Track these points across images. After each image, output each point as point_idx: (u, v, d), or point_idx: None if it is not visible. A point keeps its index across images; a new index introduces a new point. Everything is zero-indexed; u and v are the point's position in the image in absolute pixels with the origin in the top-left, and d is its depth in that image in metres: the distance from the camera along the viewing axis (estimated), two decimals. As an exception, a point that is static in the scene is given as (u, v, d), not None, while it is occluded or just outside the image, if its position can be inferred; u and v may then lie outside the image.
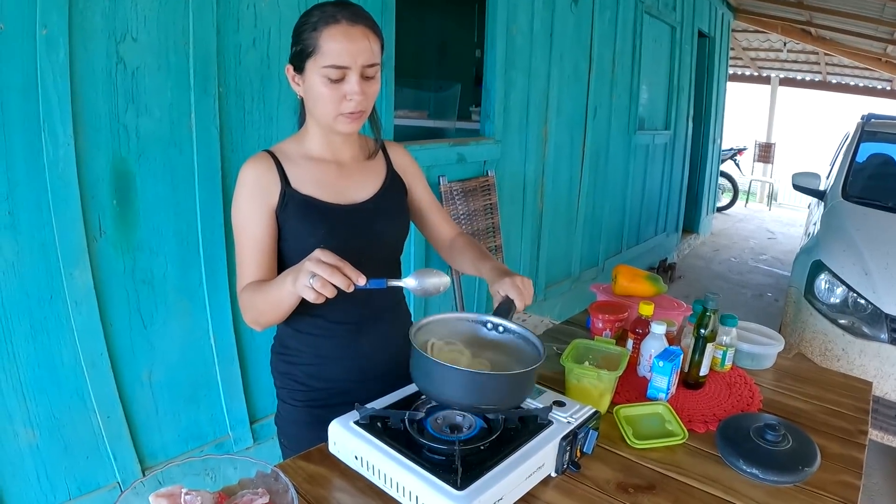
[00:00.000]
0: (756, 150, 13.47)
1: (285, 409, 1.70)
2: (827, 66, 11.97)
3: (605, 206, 5.59)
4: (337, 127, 1.50)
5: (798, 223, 10.69)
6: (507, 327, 1.49)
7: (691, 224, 8.78)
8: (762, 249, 9.04)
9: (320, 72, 1.42)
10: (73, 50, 2.00)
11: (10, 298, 2.01)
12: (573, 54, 4.68)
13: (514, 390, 1.31)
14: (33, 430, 2.14)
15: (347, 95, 1.44)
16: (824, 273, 3.82)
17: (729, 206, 12.05)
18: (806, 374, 2.03)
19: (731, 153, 11.87)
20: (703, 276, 7.42)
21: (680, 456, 1.51)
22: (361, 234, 1.59)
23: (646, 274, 2.29)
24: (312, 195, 1.55)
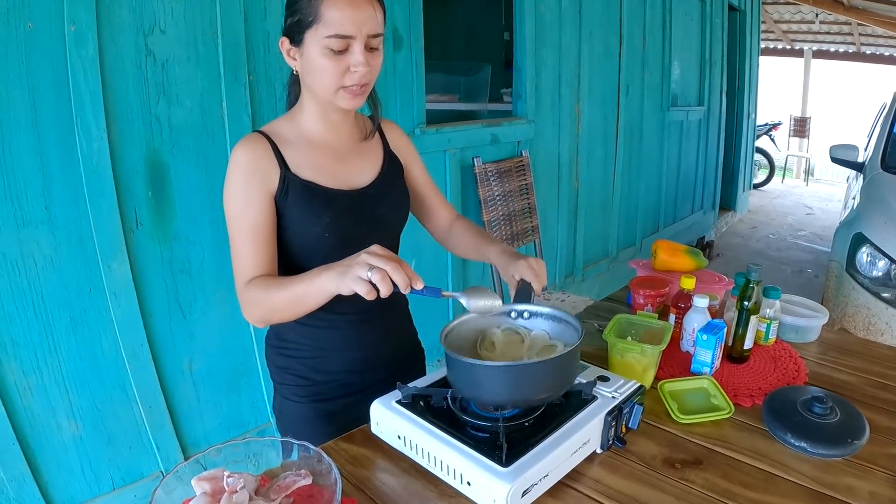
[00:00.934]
0: (791, 124, 13.26)
1: (287, 406, 1.61)
2: (861, 37, 11.73)
3: (641, 184, 5.54)
4: (338, 102, 1.40)
5: (836, 198, 10.52)
6: (533, 312, 1.46)
7: (728, 201, 8.66)
8: (800, 225, 8.91)
9: (322, 42, 1.32)
10: (102, 45, 2.01)
11: (50, 292, 2.04)
12: (603, 31, 4.63)
13: (561, 374, 1.27)
14: (76, 422, 2.16)
15: (351, 67, 1.34)
16: (865, 246, 3.74)
17: (765, 183, 11.88)
18: (851, 346, 1.98)
19: (766, 128, 11.69)
20: (741, 253, 7.32)
21: (726, 430, 1.48)
22: (365, 221, 1.51)
23: (686, 248, 2.25)
24: (313, 180, 1.46)
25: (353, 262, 1.21)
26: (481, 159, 3.46)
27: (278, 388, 1.64)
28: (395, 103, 2.99)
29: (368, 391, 1.49)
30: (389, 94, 2.95)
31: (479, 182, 3.41)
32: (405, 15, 2.95)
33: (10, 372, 2.00)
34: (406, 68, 3.01)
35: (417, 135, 3.10)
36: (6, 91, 1.86)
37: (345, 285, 1.21)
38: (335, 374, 1.58)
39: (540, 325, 1.45)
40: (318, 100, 1.45)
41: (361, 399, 1.47)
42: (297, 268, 1.45)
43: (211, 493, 1.00)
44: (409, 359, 1.73)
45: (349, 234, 1.46)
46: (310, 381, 1.58)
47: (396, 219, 1.62)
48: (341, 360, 1.58)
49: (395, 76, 2.97)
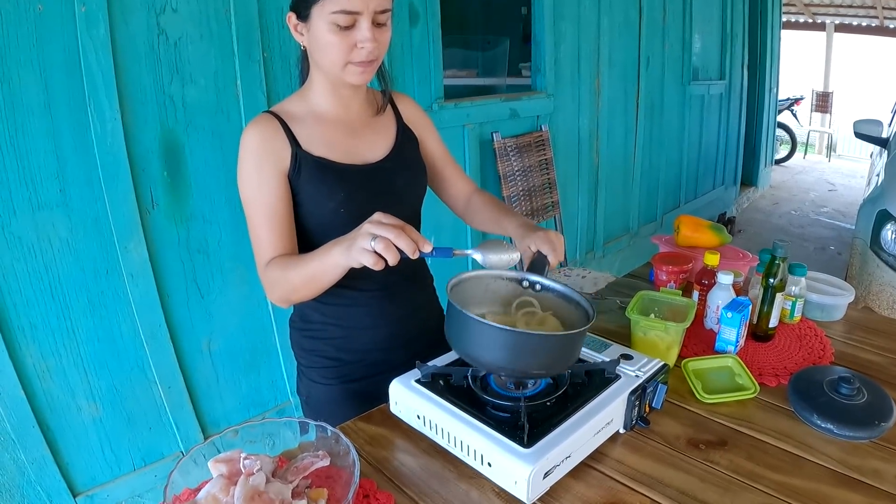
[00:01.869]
0: (813, 99, 13.10)
1: (318, 390, 1.61)
2: (884, 10, 11.53)
3: (662, 159, 5.48)
4: (346, 77, 1.38)
5: (859, 174, 10.40)
6: (545, 285, 1.40)
7: (749, 177, 8.57)
8: (823, 202, 8.81)
9: (328, 18, 1.29)
10: (114, 25, 2.00)
11: (67, 275, 2.04)
12: (623, 2, 4.56)
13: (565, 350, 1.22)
14: (96, 404, 2.17)
15: (359, 43, 1.32)
16: (890, 223, 3.69)
17: (787, 158, 11.75)
18: (877, 325, 1.94)
19: (788, 103, 11.55)
20: (763, 229, 7.26)
21: (751, 410, 1.46)
22: (382, 195, 1.49)
23: (709, 224, 2.21)
24: (325, 156, 1.45)
25: (357, 234, 1.20)
26: (500, 134, 3.42)
27: (305, 372, 1.63)
28: (412, 78, 2.95)
29: (397, 369, 1.47)
30: (406, 70, 2.92)
31: (498, 157, 3.38)
32: (421, -11, 2.91)
33: (28, 355, 2.01)
34: (423, 43, 2.97)
35: (435, 110, 3.07)
36: (18, 74, 1.85)
37: (352, 258, 1.19)
38: (362, 352, 1.58)
39: (550, 298, 1.40)
40: (326, 76, 1.44)
41: (390, 378, 1.44)
42: (315, 245, 1.41)
43: (228, 475, 0.99)
44: (436, 335, 1.70)
45: (364, 209, 1.40)
46: (338, 362, 1.58)
47: (414, 191, 1.60)
48: (368, 337, 1.58)
49: (412, 51, 2.93)
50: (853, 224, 4.41)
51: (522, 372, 1.22)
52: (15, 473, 2.03)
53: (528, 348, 1.18)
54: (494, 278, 1.40)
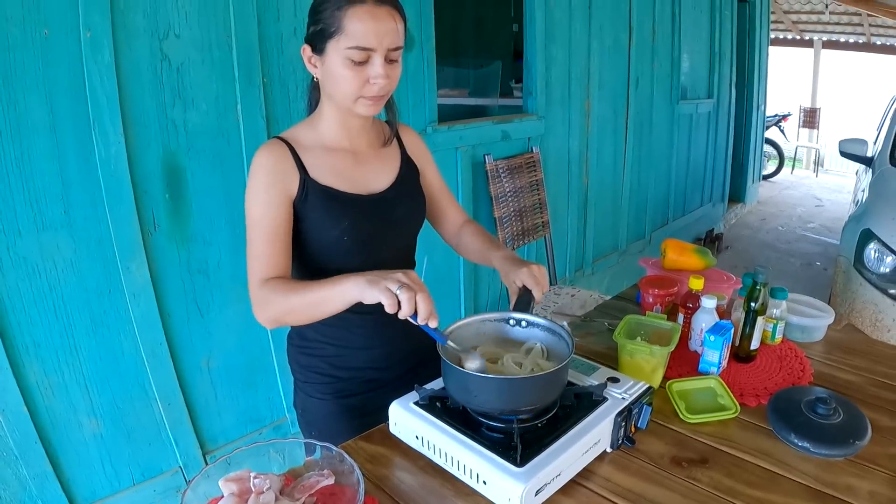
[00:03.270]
0: (801, 115, 13.20)
1: (312, 404, 1.65)
2: (871, 28, 11.66)
3: (650, 177, 5.55)
4: (357, 109, 1.43)
5: (845, 189, 10.48)
6: (530, 321, 1.50)
7: (737, 193, 8.64)
8: (810, 217, 8.89)
9: (343, 53, 1.35)
10: (118, 50, 2.04)
11: (70, 294, 2.08)
12: (613, 25, 4.63)
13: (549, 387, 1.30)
14: (97, 420, 2.21)
15: (371, 79, 1.37)
16: (873, 242, 3.75)
17: (775, 174, 11.83)
18: (856, 346, 2.00)
19: (776, 119, 11.65)
20: (750, 245, 7.32)
21: (732, 430, 1.51)
22: (384, 224, 1.55)
23: (694, 247, 2.27)
24: (332, 185, 1.49)
25: (387, 276, 1.27)
26: (492, 156, 3.48)
27: (301, 387, 1.67)
28: (406, 102, 3.01)
29: (390, 385, 1.57)
30: (401, 94, 2.98)
31: (490, 179, 3.44)
32: (417, 15, 2.97)
33: (31, 372, 2.04)
34: (418, 68, 3.04)
35: (429, 133, 3.12)
36: (24, 97, 1.89)
37: (371, 294, 1.25)
38: (358, 370, 1.63)
39: (536, 335, 1.49)
40: (337, 107, 1.48)
41: (384, 393, 1.54)
42: (315, 268, 1.52)
43: (238, 493, 1.04)
44: (428, 353, 1.76)
45: (367, 237, 1.51)
46: (333, 378, 1.62)
47: (413, 221, 1.66)
48: (363, 357, 1.62)
49: (407, 76, 2.98)
50: (838, 240, 4.48)
51: (512, 411, 1.29)
52: (17, 488, 2.07)
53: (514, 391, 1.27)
54: (482, 321, 1.51)
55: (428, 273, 3.22)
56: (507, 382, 1.27)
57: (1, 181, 1.89)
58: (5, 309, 1.97)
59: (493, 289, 3.82)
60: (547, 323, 1.47)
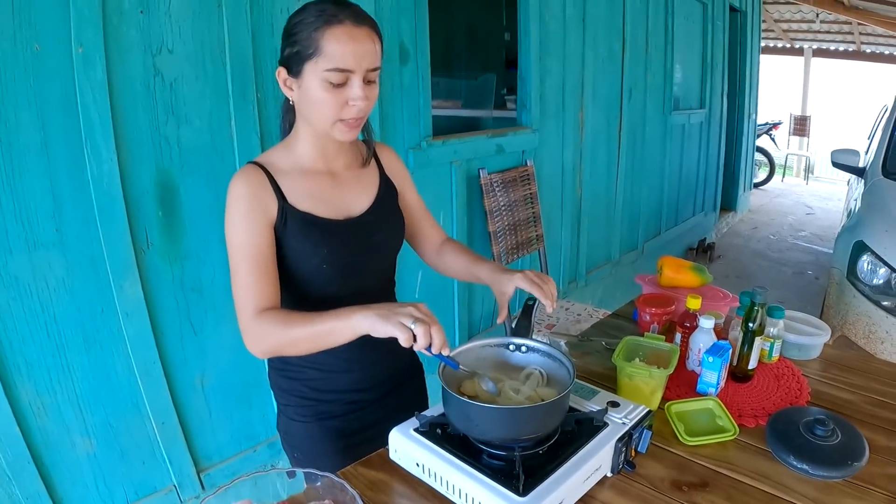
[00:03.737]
0: (791, 123, 13.29)
1: (295, 427, 1.64)
2: (861, 36, 11.75)
3: (643, 188, 5.57)
4: (334, 134, 1.41)
5: (836, 196, 10.55)
6: (530, 346, 1.50)
7: (729, 202, 8.69)
8: (801, 225, 8.93)
9: (321, 75, 1.32)
10: (110, 66, 2.02)
11: (63, 313, 2.06)
12: (607, 36, 4.65)
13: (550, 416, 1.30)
14: (90, 439, 2.19)
15: (350, 101, 1.35)
16: (866, 254, 3.76)
17: (766, 182, 11.90)
18: (852, 362, 2.01)
19: (767, 128, 11.72)
20: (742, 254, 7.35)
21: (731, 452, 1.51)
22: (363, 249, 1.54)
23: (691, 265, 2.28)
24: (311, 211, 1.47)
25: (399, 310, 1.26)
26: (486, 170, 3.47)
27: (283, 410, 1.67)
28: (401, 117, 3.00)
29: (372, 405, 1.60)
30: (396, 108, 2.97)
31: (484, 193, 3.43)
32: (411, 29, 2.96)
33: (24, 392, 2.02)
34: (412, 82, 3.03)
35: (424, 148, 3.11)
36: (15, 114, 1.87)
37: (384, 329, 1.24)
38: (339, 392, 1.62)
39: (535, 360, 1.49)
40: (314, 130, 1.46)
41: (366, 413, 1.60)
42: (297, 295, 1.51)
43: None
44: (408, 373, 1.78)
45: (347, 263, 1.50)
46: (314, 401, 1.61)
47: (393, 243, 1.64)
48: (345, 379, 1.61)
49: (402, 90, 2.98)
50: (830, 248, 4.49)
51: (514, 439, 1.28)
52: (10, 509, 2.05)
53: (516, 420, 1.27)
54: (482, 346, 1.50)
55: (421, 288, 3.21)
56: (508, 412, 1.26)
57: (-8, 199, 1.87)
58: (-3, 328, 1.95)
59: (486, 303, 3.81)
60: (546, 348, 1.47)
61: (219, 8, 2.24)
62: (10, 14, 1.80)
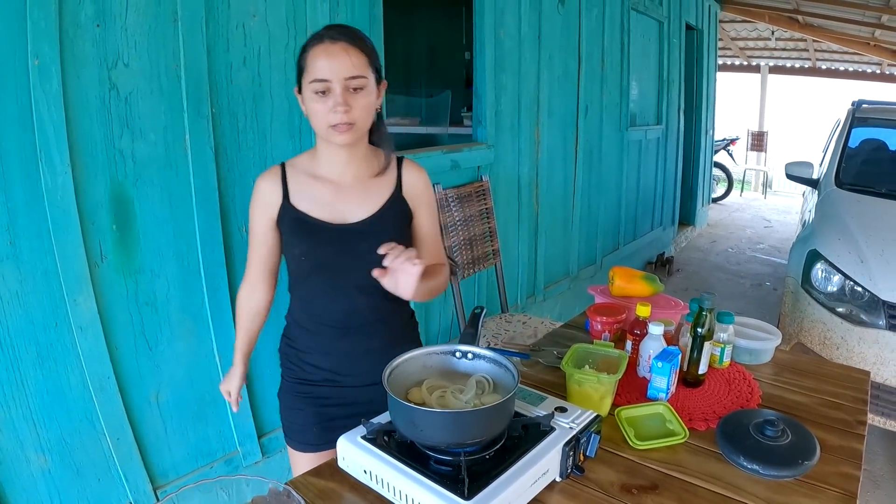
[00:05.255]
0: (749, 139, 13.50)
1: (282, 383, 1.91)
2: (816, 53, 11.99)
3: (601, 203, 5.61)
4: (331, 139, 1.60)
5: (794, 210, 10.71)
6: (476, 353, 1.53)
7: (687, 216, 8.79)
8: (759, 238, 9.07)
9: (309, 87, 1.55)
10: (66, 78, 2.01)
11: (16, 327, 2.03)
12: (562, 54, 4.70)
13: (494, 420, 1.33)
14: (45, 456, 2.16)
15: (333, 107, 1.54)
16: (820, 262, 3.83)
17: (724, 197, 12.06)
18: (804, 366, 2.05)
19: (724, 143, 11.90)
20: (701, 268, 7.44)
21: (682, 455, 1.54)
22: (342, 254, 1.69)
23: (642, 274, 2.32)
24: (307, 212, 1.68)
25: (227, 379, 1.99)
26: (441, 185, 3.48)
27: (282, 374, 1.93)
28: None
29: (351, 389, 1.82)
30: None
31: (440, 208, 3.43)
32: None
33: (-24, 407, 2.00)
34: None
35: (380, 162, 3.10)
36: (-30, 125, 1.85)
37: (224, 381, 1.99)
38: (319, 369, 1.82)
39: (482, 367, 1.52)
40: (321, 138, 1.67)
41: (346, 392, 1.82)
42: (292, 276, 1.82)
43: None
44: None
45: (324, 262, 1.71)
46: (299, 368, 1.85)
47: (379, 256, 1.62)
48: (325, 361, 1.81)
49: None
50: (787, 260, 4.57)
51: (459, 444, 1.30)
52: (-38, 526, 2.02)
53: (460, 424, 1.29)
54: (428, 354, 1.54)
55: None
56: (452, 416, 1.28)
57: (-55, 211, 1.85)
58: (-51, 342, 1.93)
59: (444, 316, 3.82)
60: (493, 355, 1.49)
61: (174, 23, 2.23)
62: (-36, 25, 1.79)
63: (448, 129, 5.15)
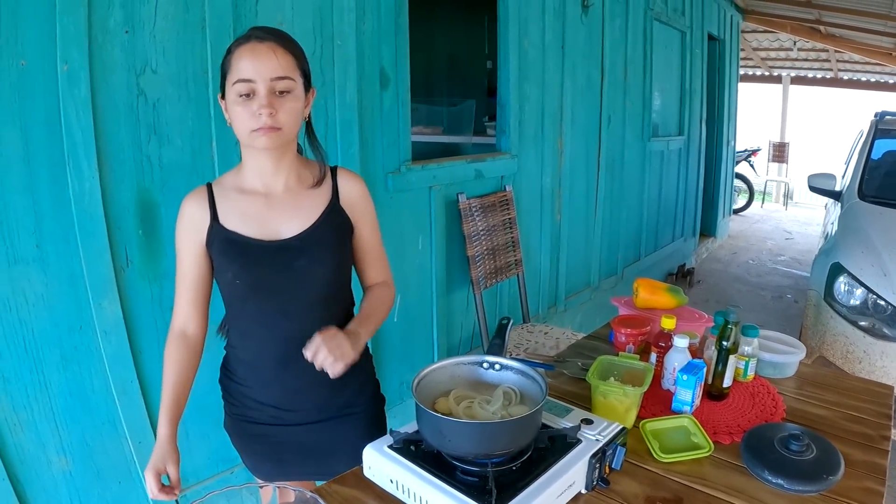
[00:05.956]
0: (770, 150, 13.43)
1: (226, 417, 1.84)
2: (838, 63, 11.93)
3: (622, 214, 5.60)
4: (253, 143, 1.50)
5: (815, 222, 10.66)
6: (503, 364, 1.53)
7: (708, 227, 8.75)
8: (780, 250, 9.01)
9: (233, 89, 1.47)
10: (95, 84, 2.03)
11: (41, 329, 2.05)
12: (585, 64, 4.70)
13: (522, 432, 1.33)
14: (66, 457, 2.17)
15: (257, 110, 1.45)
16: (843, 275, 3.81)
17: (745, 208, 12.00)
18: (827, 380, 2.04)
19: (746, 154, 11.84)
20: (721, 279, 7.40)
21: (706, 468, 1.53)
22: (278, 272, 1.59)
23: (667, 286, 2.31)
24: (237, 230, 1.58)
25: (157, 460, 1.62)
26: (465, 195, 3.48)
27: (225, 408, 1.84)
28: (381, 141, 3.01)
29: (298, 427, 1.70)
30: (376, 133, 2.98)
31: (463, 218, 3.44)
32: (392, 55, 2.99)
33: (0, 408, 2.01)
34: (392, 107, 3.05)
35: (403, 172, 3.12)
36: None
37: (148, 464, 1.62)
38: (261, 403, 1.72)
39: (509, 378, 1.51)
40: (245, 147, 1.59)
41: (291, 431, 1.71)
42: (227, 304, 1.70)
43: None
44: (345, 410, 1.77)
45: (259, 282, 1.59)
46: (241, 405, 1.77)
47: (318, 271, 1.63)
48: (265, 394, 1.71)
49: (382, 114, 3.00)
50: (808, 272, 4.54)
51: (486, 455, 1.30)
52: (-17, 527, 2.03)
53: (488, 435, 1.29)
54: (456, 364, 1.54)
55: (400, 313, 3.22)
56: (481, 427, 1.28)
57: (-27, 213, 1.86)
58: (-27, 344, 1.94)
59: (465, 326, 3.82)
60: (520, 366, 1.49)
61: (203, 30, 2.26)
62: (-5, 29, 1.81)
63: (472, 138, 5.15)
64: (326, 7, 2.63)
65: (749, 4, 8.66)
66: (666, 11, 5.97)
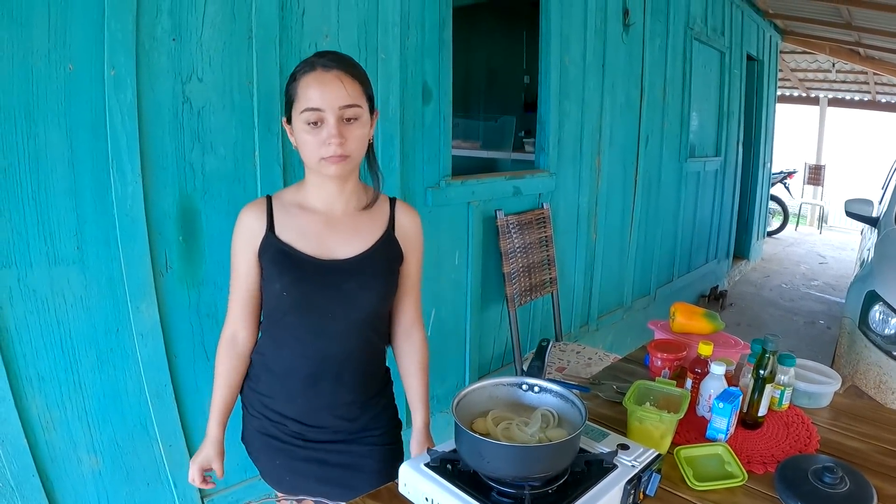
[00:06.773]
0: (806, 172, 13.30)
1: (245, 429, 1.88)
2: (876, 86, 11.81)
3: (657, 234, 5.57)
4: (322, 171, 1.55)
5: (849, 246, 10.53)
6: (542, 387, 1.53)
7: (742, 250, 8.66)
8: (813, 275, 8.90)
9: (300, 117, 1.50)
10: (141, 90, 2.05)
11: (78, 330, 2.07)
12: (625, 83, 4.69)
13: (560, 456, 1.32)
14: (96, 457, 2.19)
15: (326, 139, 1.49)
16: (878, 304, 3.75)
17: (779, 230, 11.89)
18: (862, 412, 2.01)
19: (781, 176, 11.73)
20: (754, 303, 7.33)
21: (739, 497, 1.51)
22: (326, 289, 1.62)
23: (703, 311, 2.29)
24: (292, 244, 1.61)
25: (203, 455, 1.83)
26: (503, 211, 3.48)
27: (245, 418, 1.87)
28: (421, 156, 3.02)
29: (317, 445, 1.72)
30: (417, 147, 2.99)
31: (500, 234, 3.44)
32: (435, 70, 3.00)
33: (34, 406, 2.03)
34: (434, 122, 3.06)
35: (443, 187, 3.13)
36: (44, 131, 1.90)
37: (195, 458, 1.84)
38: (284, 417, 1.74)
39: (548, 401, 1.52)
40: (311, 170, 1.62)
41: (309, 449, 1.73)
42: (268, 314, 1.72)
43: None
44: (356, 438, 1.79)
45: (306, 298, 1.62)
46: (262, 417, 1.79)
47: (365, 296, 1.66)
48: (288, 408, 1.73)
49: (423, 129, 3.01)
50: (843, 298, 4.47)
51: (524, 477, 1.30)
52: (12, 523, 2.05)
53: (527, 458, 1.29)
54: (496, 385, 1.55)
55: (434, 326, 3.22)
56: (519, 450, 1.28)
57: (16, 213, 1.89)
58: (11, 340, 1.96)
59: (498, 342, 3.81)
60: (560, 389, 1.49)
61: (249, 40, 2.28)
62: (45, 32, 1.84)
63: (511, 154, 5.15)
64: (371, 20, 2.64)
65: (788, 25, 8.59)
66: (706, 31, 5.95)
